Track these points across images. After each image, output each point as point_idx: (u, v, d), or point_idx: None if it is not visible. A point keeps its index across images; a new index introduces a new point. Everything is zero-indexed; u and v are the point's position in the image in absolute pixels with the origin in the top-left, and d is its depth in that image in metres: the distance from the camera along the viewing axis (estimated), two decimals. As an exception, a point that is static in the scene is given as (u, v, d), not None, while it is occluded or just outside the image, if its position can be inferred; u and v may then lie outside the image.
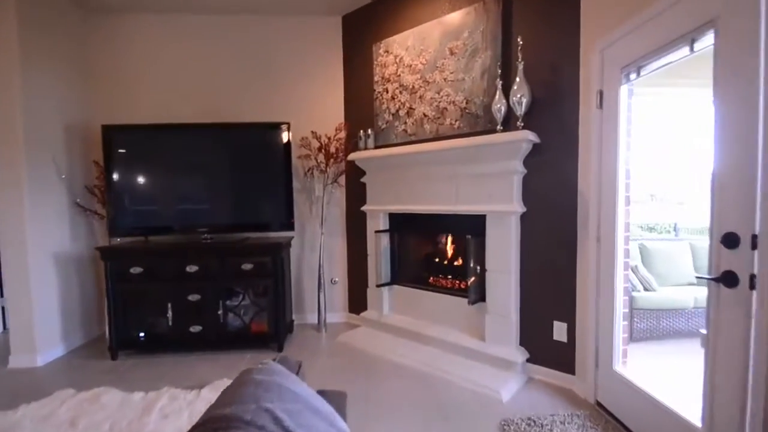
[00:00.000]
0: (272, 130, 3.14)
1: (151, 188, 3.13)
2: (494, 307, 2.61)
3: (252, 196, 3.20)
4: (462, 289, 2.95)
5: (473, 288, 2.73)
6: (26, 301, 2.86)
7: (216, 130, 3.12)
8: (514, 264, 2.53)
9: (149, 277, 2.94)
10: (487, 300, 2.65)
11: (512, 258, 2.52)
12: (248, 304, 3.08)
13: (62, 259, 3.09)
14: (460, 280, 3.01)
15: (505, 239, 2.53)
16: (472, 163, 2.63)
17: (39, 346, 2.90)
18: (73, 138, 3.22)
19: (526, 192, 2.51)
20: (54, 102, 3.06)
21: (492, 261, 2.61)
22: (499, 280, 2.58)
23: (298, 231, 3.57)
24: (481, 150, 2.53)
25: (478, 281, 2.74)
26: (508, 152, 2.44)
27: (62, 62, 3.14)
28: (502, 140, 2.39)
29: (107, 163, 3.04)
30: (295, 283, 3.60)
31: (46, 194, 2.98)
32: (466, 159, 2.63)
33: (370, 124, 3.25)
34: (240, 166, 3.16)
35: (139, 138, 3.09)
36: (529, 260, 2.52)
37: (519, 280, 2.56)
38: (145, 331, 3.00)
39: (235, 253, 2.99)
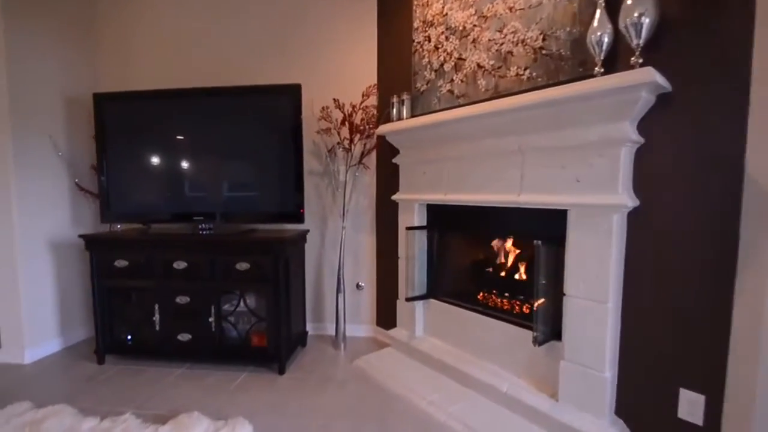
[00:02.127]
0: (278, 95, 2.40)
1: (144, 167, 2.57)
2: (575, 353, 1.66)
3: (256, 179, 2.53)
4: (525, 315, 2.01)
5: (541, 317, 1.79)
6: (13, 292, 2.48)
7: (212, 96, 2.45)
8: (613, 289, 1.55)
9: (135, 273, 2.40)
10: (565, 339, 1.70)
11: (611, 279, 1.54)
12: (245, 311, 2.43)
13: (61, 245, 2.69)
14: (524, 301, 2.08)
15: (601, 249, 1.55)
16: (548, 131, 1.67)
17: (27, 341, 2.52)
18: (77, 112, 2.79)
19: (640, 175, 1.51)
20: (50, 70, 2.62)
21: (575, 281, 1.65)
22: (585, 312, 1.62)
23: (319, 223, 2.85)
24: (567, 108, 1.55)
25: (551, 309, 1.80)
26: (612, 109, 1.45)
27: (61, 25, 2.70)
28: (606, 87, 1.40)
29: (99, 138, 2.55)
30: (313, 285, 2.90)
31: (40, 173, 2.56)
32: (540, 124, 1.68)
33: (406, 87, 2.40)
34: (242, 140, 2.48)
35: (131, 108, 2.54)
36: (640, 285, 1.53)
37: (621, 315, 1.58)
38: (131, 334, 2.49)
39: (227, 249, 2.33)
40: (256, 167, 2.50)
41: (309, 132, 2.65)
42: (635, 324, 1.55)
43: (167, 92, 2.49)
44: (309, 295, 2.85)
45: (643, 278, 1.52)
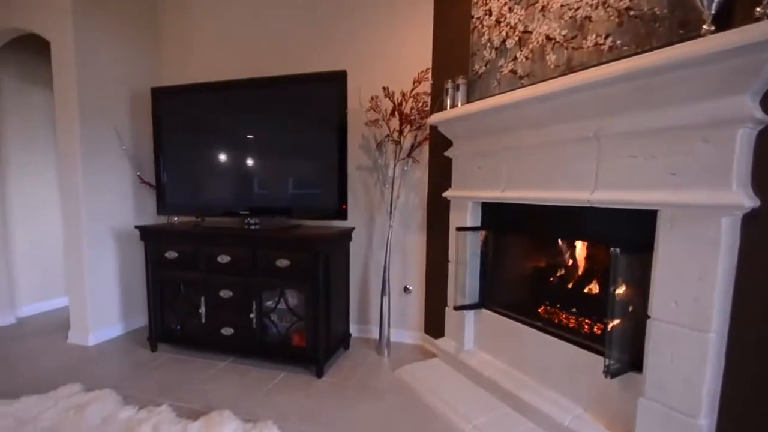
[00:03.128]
0: (321, 84, 2.31)
1: (194, 160, 2.64)
2: (660, 390, 1.34)
3: (300, 174, 2.47)
4: (596, 336, 1.70)
5: (617, 342, 1.48)
6: (80, 278, 2.69)
7: (252, 88, 2.44)
8: (718, 315, 1.21)
9: (183, 265, 2.47)
10: (647, 372, 1.38)
11: (716, 302, 1.21)
12: (286, 309, 2.38)
13: (124, 235, 2.88)
14: (595, 320, 1.76)
15: (703, 262, 1.22)
16: (634, 111, 1.37)
17: (92, 324, 2.72)
18: (140, 106, 2.97)
19: (762, 166, 1.16)
20: (118, 66, 2.80)
21: (665, 301, 1.33)
22: (677, 341, 1.29)
23: (366, 221, 2.73)
24: (662, 80, 1.23)
25: (629, 332, 1.48)
26: (726, 78, 1.11)
27: (128, 23, 2.88)
28: (720, 47, 1.06)
29: (155, 131, 2.67)
30: (359, 285, 2.79)
31: (106, 165, 2.75)
32: (624, 103, 1.38)
33: (463, 70, 2.18)
34: (285, 134, 2.44)
35: (181, 102, 2.62)
36: (756, 312, 1.18)
37: (726, 349, 1.24)
38: (181, 325, 2.57)
39: (268, 244, 2.29)
40: (300, 162, 2.44)
41: (358, 124, 2.54)
42: (746, 362, 1.20)
43: (211, 85, 2.52)
44: (354, 295, 2.75)
45: (760, 303, 1.16)
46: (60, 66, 2.59)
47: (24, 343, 2.74)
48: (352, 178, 2.59)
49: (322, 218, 2.42)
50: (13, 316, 3.14)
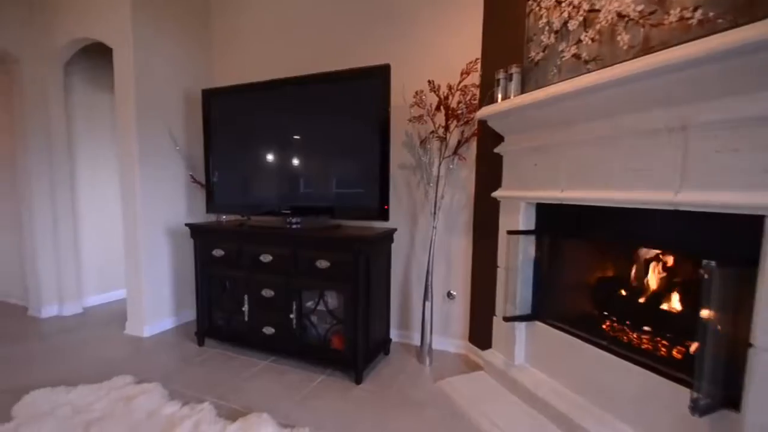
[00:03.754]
0: (363, 80, 2.20)
1: (240, 160, 2.63)
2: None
3: (343, 172, 2.37)
4: (677, 362, 1.43)
5: (707, 371, 1.22)
6: (137, 273, 2.79)
7: (293, 86, 2.37)
8: None
9: (228, 263, 2.47)
10: (747, 413, 1.11)
11: None
12: (325, 311, 2.30)
13: (177, 232, 2.95)
14: (674, 342, 1.49)
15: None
16: (733, 95, 1.11)
17: (147, 317, 2.82)
18: (194, 108, 3.04)
19: None
20: (173, 69, 2.88)
21: (775, 328, 1.07)
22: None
23: (409, 222, 2.59)
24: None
25: (722, 360, 1.21)
26: None
27: (182, 27, 2.95)
28: None
29: (205, 132, 2.70)
30: (401, 289, 2.65)
31: (161, 165, 2.84)
32: (719, 86, 1.12)
33: (517, 58, 1.96)
34: (326, 132, 2.35)
35: (230, 101, 2.62)
36: None
37: None
38: (226, 321, 2.58)
39: (308, 244, 2.22)
40: (341, 160, 2.34)
41: (401, 121, 2.40)
42: None
43: (254, 85, 2.49)
44: (395, 299, 2.62)
45: None
46: (120, 70, 2.70)
47: (88, 331, 2.89)
48: (394, 177, 2.45)
49: (363, 218, 2.31)
50: (80, 306, 3.35)
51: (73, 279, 3.29)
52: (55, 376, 2.21)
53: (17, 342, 2.68)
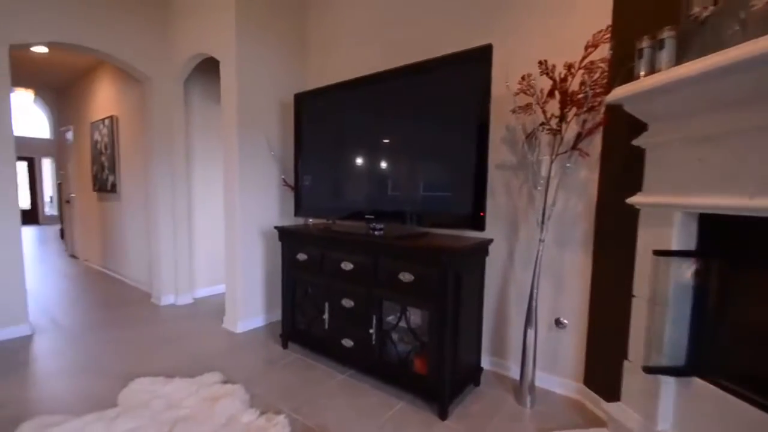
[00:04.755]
0: (461, 66, 1.81)
1: (325, 162, 2.46)
2: None
3: (431, 173, 2.02)
4: None
5: None
6: (234, 271, 2.83)
7: (388, 80, 2.07)
8: None
9: (311, 268, 2.31)
10: None
11: None
12: (407, 329, 1.97)
13: (270, 234, 2.93)
14: None
15: None
16: None
17: (241, 313, 2.83)
18: (289, 113, 3.00)
19: None
20: (271, 76, 2.87)
21: None
22: None
23: (507, 232, 2.13)
24: None
25: None
26: None
27: (280, 36, 2.92)
28: None
29: (296, 136, 2.61)
30: (495, 310, 2.20)
31: (257, 169, 2.84)
32: None
33: (668, 19, 1.40)
34: (419, 127, 2.04)
35: (318, 103, 2.47)
36: None
37: None
38: (308, 327, 2.43)
39: (390, 253, 1.91)
40: (431, 160, 2.00)
41: (501, 113, 1.98)
42: None
43: (341, 84, 2.28)
44: (488, 321, 2.18)
45: None
46: (226, 81, 2.76)
47: (193, 322, 3.03)
48: (491, 179, 2.03)
49: (453, 226, 1.93)
50: (191, 297, 3.58)
51: (186, 273, 3.53)
52: (160, 363, 2.30)
53: (140, 326, 2.92)
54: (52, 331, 2.81)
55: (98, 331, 2.83)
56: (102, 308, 3.37)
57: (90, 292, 3.93)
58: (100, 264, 5.00)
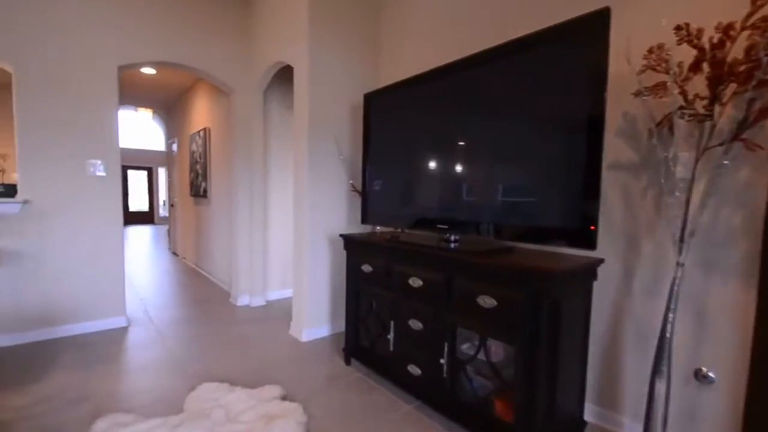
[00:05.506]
0: (567, 40, 1.40)
1: (393, 164, 2.20)
2: None
3: (521, 177, 1.63)
4: None
5: None
6: (301, 277, 2.71)
7: (471, 67, 1.73)
8: None
9: (375, 281, 2.06)
10: None
11: None
12: (486, 363, 1.60)
13: (336, 241, 2.77)
14: None
15: None
16: None
17: (306, 322, 2.70)
18: (359, 115, 2.84)
19: None
20: (341, 79, 2.71)
21: None
22: None
23: (623, 250, 1.63)
24: None
25: None
26: None
27: (352, 37, 2.76)
28: None
29: (365, 138, 2.40)
30: (603, 349, 1.70)
31: (326, 174, 2.69)
32: None
33: None
34: (507, 120, 1.67)
35: (388, 102, 2.22)
36: None
37: None
38: (372, 345, 2.18)
39: (467, 271, 1.56)
40: (520, 161, 1.61)
41: (617, 98, 1.53)
42: None
43: (413, 79, 2.00)
44: (594, 363, 1.70)
45: None
46: (298, 86, 2.68)
47: (263, 326, 2.98)
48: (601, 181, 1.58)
49: (548, 241, 1.51)
50: (264, 299, 3.59)
51: (261, 275, 3.55)
52: (228, 366, 2.26)
53: (217, 325, 2.95)
54: (144, 324, 2.98)
55: (182, 327, 2.92)
56: (189, 305, 3.53)
57: (182, 288, 4.20)
58: (193, 262, 5.40)
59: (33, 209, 2.51)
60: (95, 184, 2.74)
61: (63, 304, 2.66)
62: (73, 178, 2.65)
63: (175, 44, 3.02)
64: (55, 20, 2.54)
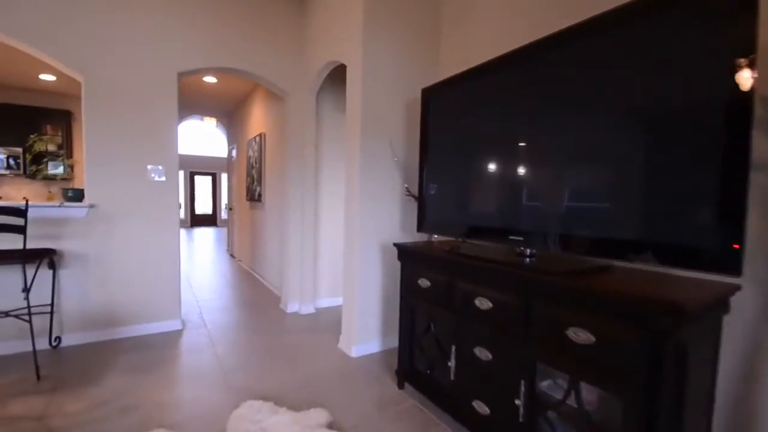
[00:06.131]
0: (691, 5, 1.10)
1: (456, 165, 1.94)
2: None
3: (626, 178, 1.30)
4: None
5: None
6: (351, 287, 2.54)
7: (556, 50, 1.43)
8: None
9: (435, 298, 1.81)
10: None
11: None
12: (578, 412, 1.27)
13: (389, 250, 2.56)
14: None
15: None
16: None
17: (356, 336, 2.51)
18: (415, 114, 2.62)
19: None
20: (397, 75, 2.52)
21: None
22: None
23: (761, 272, 1.24)
24: None
25: None
26: None
27: (410, 31, 2.55)
28: None
29: (422, 137, 2.17)
30: (732, 400, 1.31)
31: (379, 178, 2.51)
32: None
33: None
34: (612, 109, 1.34)
35: (450, 95, 1.97)
36: None
37: None
38: (428, 369, 1.92)
39: (552, 294, 1.25)
40: (631, 159, 1.28)
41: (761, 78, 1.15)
42: None
43: (482, 67, 1.73)
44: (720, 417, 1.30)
45: None
46: (351, 84, 2.53)
47: (311, 336, 2.85)
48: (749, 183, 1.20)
49: (668, 262, 1.16)
50: (313, 307, 3.47)
51: (311, 282, 3.44)
52: (274, 381, 2.14)
53: (266, 334, 2.87)
54: (198, 328, 2.99)
55: (232, 333, 2.88)
56: (240, 308, 3.53)
57: (235, 290, 4.26)
58: (248, 265, 5.51)
59: (98, 213, 2.60)
60: (154, 189, 2.79)
61: (123, 305, 2.73)
62: (134, 182, 2.72)
63: (231, 50, 3.03)
64: (122, 31, 2.63)
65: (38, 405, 1.84)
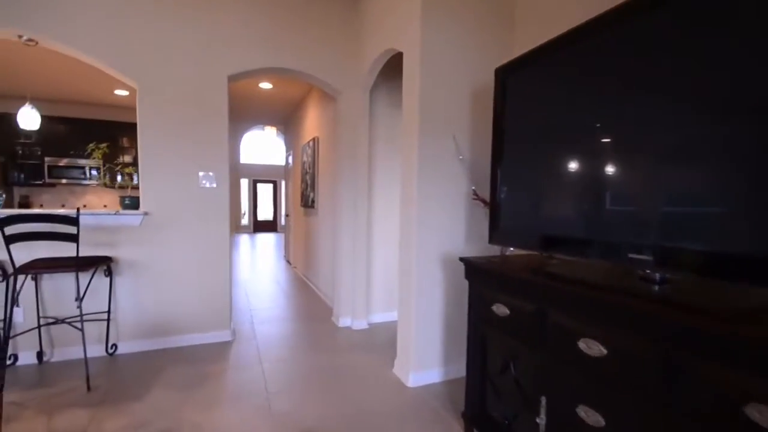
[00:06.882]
0: None
1: (540, 162, 1.52)
2: None
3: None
4: None
5: None
6: (408, 304, 2.22)
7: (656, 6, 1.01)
8: None
9: (515, 330, 1.42)
10: None
11: None
12: None
13: (451, 262, 2.21)
14: None
15: None
16: None
17: (413, 362, 2.18)
18: (485, 104, 2.25)
19: None
20: (461, 63, 2.17)
21: None
22: None
23: None
24: None
25: None
26: None
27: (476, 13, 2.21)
28: None
29: (495, 129, 1.79)
30: None
31: (441, 180, 2.17)
32: None
33: None
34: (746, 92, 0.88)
35: (535, 73, 1.57)
36: None
37: None
38: (506, 419, 1.52)
39: (719, 351, 0.80)
40: None
41: None
42: None
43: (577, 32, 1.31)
44: None
45: None
46: (408, 75, 2.23)
47: (364, 356, 2.57)
48: None
49: None
50: (366, 322, 3.20)
51: (363, 295, 3.18)
52: (318, 413, 1.88)
53: (316, 352, 2.65)
54: (247, 340, 2.86)
55: (281, 348, 2.71)
56: (292, 320, 3.38)
57: (289, 300, 4.15)
58: (302, 272, 5.44)
59: (151, 221, 2.58)
60: (206, 196, 2.72)
61: (175, 315, 2.68)
62: (186, 189, 2.67)
63: (281, 50, 2.89)
64: (174, 37, 2.60)
65: (82, 419, 1.77)
